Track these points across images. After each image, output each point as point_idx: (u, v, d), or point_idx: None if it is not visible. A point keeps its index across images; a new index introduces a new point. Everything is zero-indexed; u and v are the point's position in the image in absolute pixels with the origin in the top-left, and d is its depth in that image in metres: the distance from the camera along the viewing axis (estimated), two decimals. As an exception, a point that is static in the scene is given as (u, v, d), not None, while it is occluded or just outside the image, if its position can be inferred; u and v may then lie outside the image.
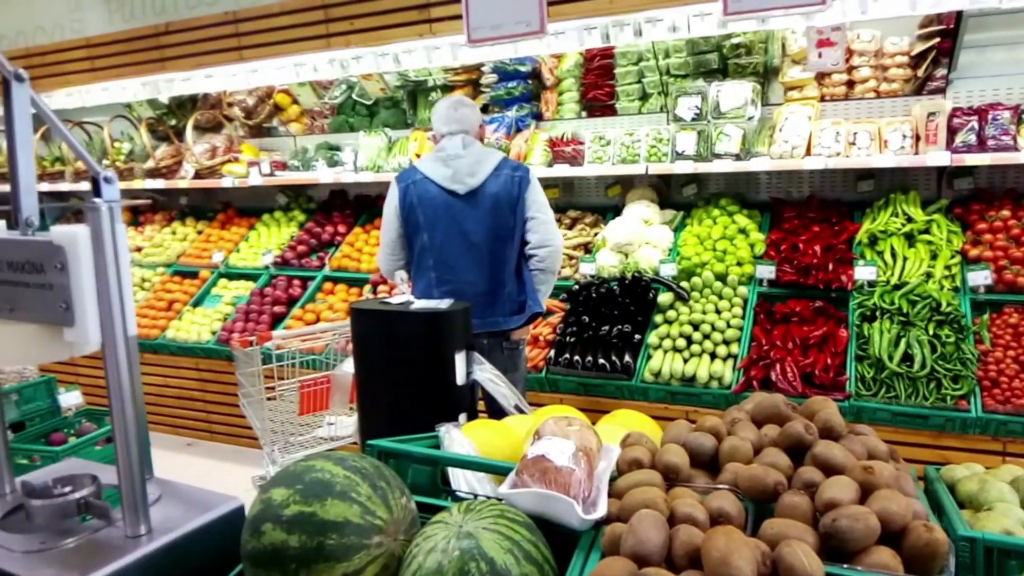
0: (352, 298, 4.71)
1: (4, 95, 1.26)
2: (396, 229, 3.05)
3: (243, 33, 4.32)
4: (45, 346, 1.22)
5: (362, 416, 2.33)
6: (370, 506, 1.11)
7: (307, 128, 5.54)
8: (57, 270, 1.15)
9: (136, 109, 5.42)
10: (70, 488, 1.31)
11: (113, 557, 1.16)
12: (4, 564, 1.17)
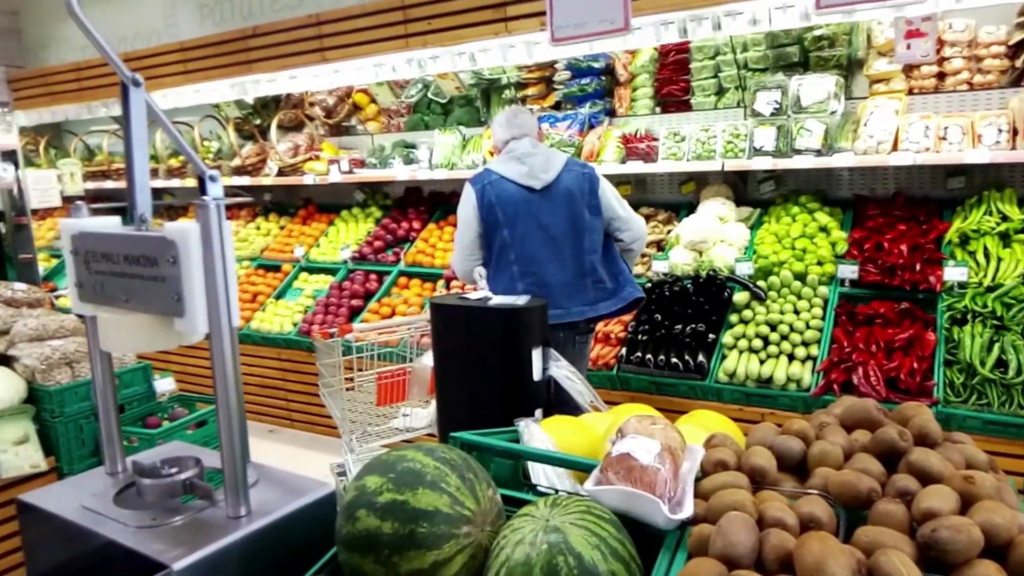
0: (426, 293, 4.80)
1: (123, 98, 1.35)
2: (474, 230, 3.09)
3: (325, 35, 4.45)
4: (157, 335, 1.30)
5: (440, 409, 2.37)
6: (459, 496, 1.14)
7: (384, 126, 5.67)
8: (170, 263, 1.23)
9: (224, 109, 5.66)
10: (176, 469, 1.40)
11: (217, 536, 1.23)
12: (120, 537, 1.25)
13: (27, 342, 3.24)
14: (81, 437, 3.23)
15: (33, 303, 3.45)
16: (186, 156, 1.42)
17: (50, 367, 3.18)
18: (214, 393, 1.29)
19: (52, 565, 1.42)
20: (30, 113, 6.02)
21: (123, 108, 1.35)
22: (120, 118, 5.98)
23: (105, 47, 1.31)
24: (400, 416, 3.78)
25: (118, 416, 1.51)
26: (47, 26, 6.17)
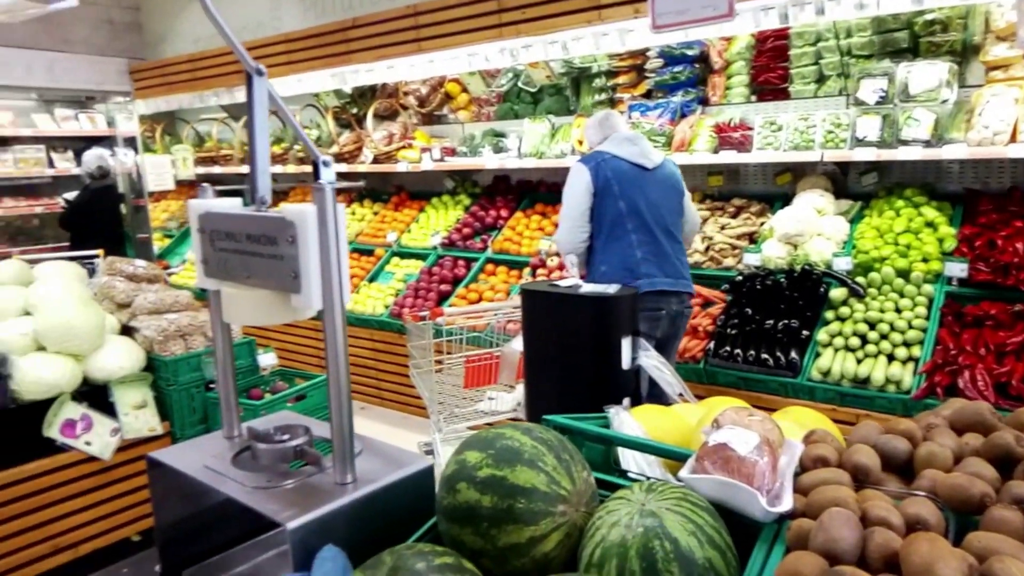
0: (512, 280, 4.86)
1: (247, 87, 1.44)
2: (585, 203, 3.22)
3: (422, 25, 4.55)
4: (275, 309, 1.39)
5: (529, 394, 2.42)
6: (555, 476, 1.17)
7: (474, 115, 5.75)
8: (288, 243, 1.31)
9: (323, 99, 5.89)
10: (288, 436, 1.49)
11: (326, 500, 1.31)
12: (238, 495, 1.35)
13: (147, 315, 3.50)
14: (192, 405, 3.46)
15: (152, 279, 3.72)
16: (303, 143, 1.51)
17: (166, 339, 3.43)
18: (325, 366, 1.37)
19: (176, 515, 1.55)
20: (148, 102, 6.44)
21: (247, 96, 1.45)
22: (229, 107, 6.35)
23: (232, 39, 1.40)
24: (486, 399, 3.86)
25: (235, 384, 1.62)
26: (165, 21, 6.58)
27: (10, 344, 3.09)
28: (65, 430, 3.08)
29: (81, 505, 3.12)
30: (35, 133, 6.02)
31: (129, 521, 3.30)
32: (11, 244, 6.08)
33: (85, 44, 6.20)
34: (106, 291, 3.52)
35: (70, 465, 3.07)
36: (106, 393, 3.24)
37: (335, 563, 1.20)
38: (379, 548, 1.24)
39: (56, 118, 6.13)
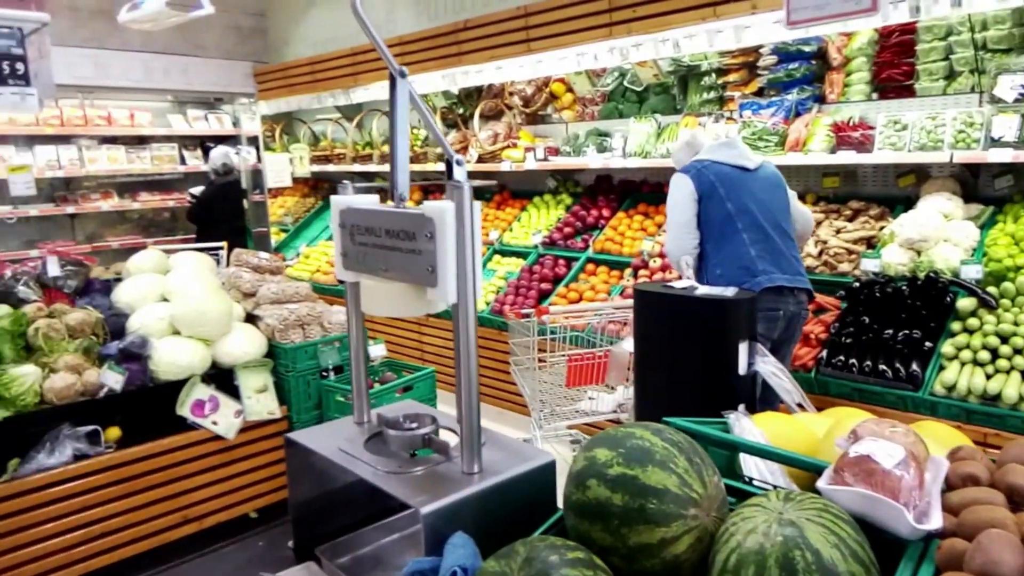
0: (613, 280, 4.83)
1: (390, 88, 1.50)
2: (691, 209, 3.21)
3: (532, 26, 4.60)
4: (411, 302, 1.45)
5: (639, 395, 2.40)
6: (687, 478, 1.17)
7: (578, 115, 5.75)
8: (427, 238, 1.36)
9: (432, 99, 6.05)
10: (416, 425, 1.55)
11: (455, 488, 1.36)
12: (370, 477, 1.42)
13: (269, 304, 3.71)
14: (308, 391, 3.65)
15: (274, 270, 3.94)
16: (438, 141, 1.56)
17: (287, 327, 3.62)
18: (456, 359, 1.41)
19: (310, 493, 1.64)
20: (270, 103, 6.82)
21: (390, 96, 1.51)
22: (343, 107, 6.63)
23: (378, 40, 1.47)
24: (586, 399, 3.86)
25: (367, 372, 1.70)
26: (288, 26, 6.95)
27: (149, 328, 3.36)
28: (195, 409, 3.31)
29: (207, 480, 3.34)
30: (169, 132, 6.50)
31: (248, 498, 3.51)
32: (144, 235, 6.59)
33: (215, 49, 6.65)
34: (233, 281, 3.76)
35: (198, 443, 3.30)
36: (231, 377, 3.46)
37: (465, 549, 1.24)
38: (501, 538, 1.27)
39: (188, 118, 6.60)
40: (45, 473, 2.88)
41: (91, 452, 3.01)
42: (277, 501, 3.61)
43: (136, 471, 3.11)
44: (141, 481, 3.13)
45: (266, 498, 3.57)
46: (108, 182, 6.37)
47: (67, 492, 2.93)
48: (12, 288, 3.30)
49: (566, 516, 1.26)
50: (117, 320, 3.39)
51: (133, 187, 6.52)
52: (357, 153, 6.31)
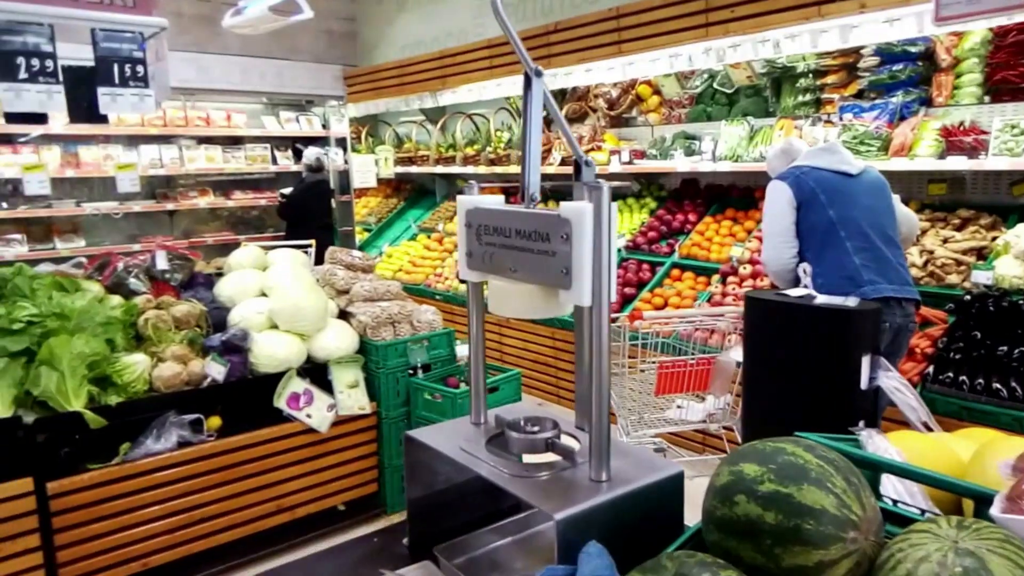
0: (700, 287, 4.71)
1: (524, 87, 1.49)
2: (789, 218, 3.11)
3: (624, 28, 4.54)
4: (541, 303, 1.43)
5: (747, 407, 2.32)
6: (845, 499, 1.10)
7: (664, 118, 5.65)
8: (562, 240, 1.34)
9: (515, 102, 6.06)
10: (538, 428, 1.53)
11: (585, 496, 1.33)
12: (497, 480, 1.41)
13: (362, 301, 3.77)
14: (397, 388, 3.68)
15: (366, 268, 4.00)
16: (567, 142, 1.54)
17: (378, 325, 3.67)
18: (587, 362, 1.38)
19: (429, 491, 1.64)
20: (359, 105, 6.98)
21: (523, 95, 1.50)
22: (427, 110, 6.73)
23: (515, 38, 1.46)
24: (674, 407, 3.78)
25: (485, 373, 1.69)
26: (377, 30, 7.10)
27: (249, 321, 3.46)
28: (291, 402, 3.39)
29: (300, 472, 3.41)
30: (262, 133, 6.74)
31: (337, 491, 3.57)
32: (236, 232, 6.83)
33: (308, 53, 6.85)
34: (328, 278, 3.84)
35: (293, 435, 3.38)
36: (325, 371, 3.53)
37: (601, 560, 1.20)
38: (628, 549, 1.23)
39: (280, 120, 6.83)
40: (152, 458, 3.00)
41: (194, 440, 3.11)
42: (365, 495, 3.66)
43: (235, 460, 3.20)
44: (239, 470, 3.22)
45: (354, 492, 3.62)
46: (205, 180, 6.65)
47: (171, 477, 3.04)
48: (124, 280, 3.45)
49: (707, 531, 1.21)
50: (219, 313, 3.50)
51: (227, 185, 6.78)
52: (440, 155, 6.38)
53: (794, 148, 3.38)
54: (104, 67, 3.10)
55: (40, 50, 2.92)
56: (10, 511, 2.69)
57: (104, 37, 3.08)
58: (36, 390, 2.82)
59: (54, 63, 2.95)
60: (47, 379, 2.83)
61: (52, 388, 2.83)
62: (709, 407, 3.72)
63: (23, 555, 2.73)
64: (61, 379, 2.85)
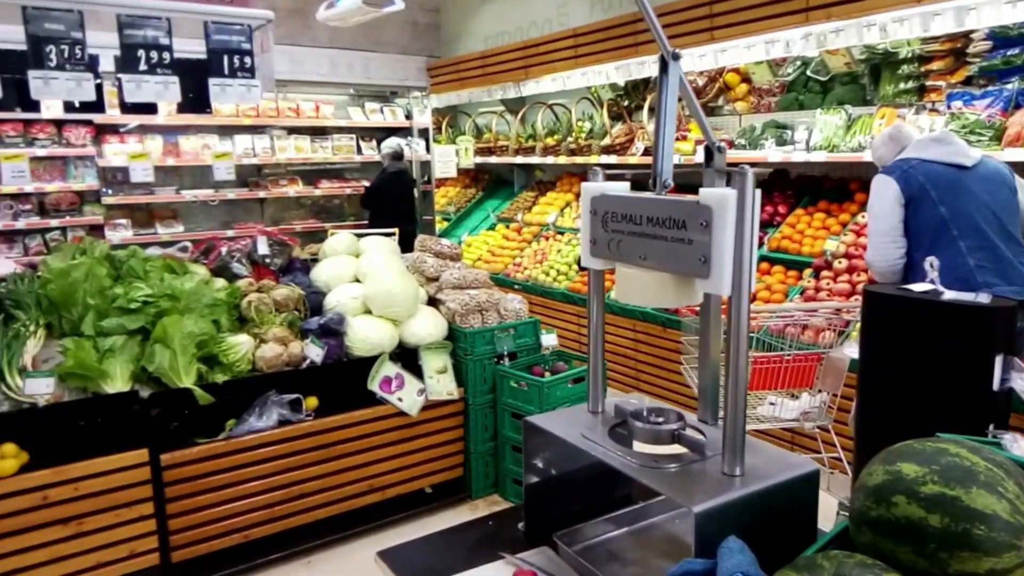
0: (790, 281, 4.57)
1: (660, 72, 1.46)
2: (896, 215, 2.97)
3: (717, 14, 4.43)
4: (674, 292, 1.40)
5: (862, 406, 2.23)
6: (1019, 505, 1.04)
7: (753, 106, 5.48)
8: (701, 227, 1.31)
9: (598, 91, 5.99)
10: (663, 419, 1.51)
11: (719, 490, 1.30)
12: (625, 469, 1.39)
13: (451, 289, 3.81)
14: (484, 375, 3.71)
15: (454, 257, 4.04)
16: (702, 130, 1.51)
17: (467, 312, 3.70)
18: (726, 352, 1.35)
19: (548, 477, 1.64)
20: (441, 96, 7.06)
21: (659, 80, 1.47)
22: (507, 101, 6.74)
23: (652, 18, 1.43)
24: (766, 404, 3.68)
25: (604, 361, 1.67)
26: (461, 21, 7.15)
27: (344, 306, 3.54)
28: (383, 385, 3.46)
29: (390, 453, 3.49)
30: (348, 124, 6.90)
31: (425, 474, 3.63)
32: (321, 220, 7.03)
33: (393, 45, 6.97)
34: (418, 265, 3.90)
35: (384, 417, 3.45)
36: (415, 357, 3.59)
37: (743, 555, 1.17)
38: (761, 547, 1.20)
39: (365, 111, 6.97)
40: (255, 435, 3.11)
41: (293, 419, 3.22)
42: (451, 479, 3.72)
43: (330, 439, 3.29)
44: (334, 449, 3.31)
45: (441, 475, 3.68)
46: (294, 169, 6.86)
47: (272, 454, 3.16)
48: (227, 264, 3.59)
49: (857, 532, 1.17)
50: (315, 297, 3.60)
51: (314, 175, 6.98)
52: (520, 145, 6.38)
53: (903, 135, 3.21)
54: (215, 59, 3.22)
55: (158, 43, 3.05)
56: (128, 479, 2.85)
57: (215, 30, 3.20)
58: (151, 366, 2.97)
59: (170, 55, 3.08)
60: (161, 356, 2.97)
61: (165, 365, 2.97)
62: (804, 405, 3.60)
63: (139, 521, 2.88)
64: (173, 357, 2.98)
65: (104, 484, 2.80)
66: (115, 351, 2.94)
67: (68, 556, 2.75)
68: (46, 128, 5.54)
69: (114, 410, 2.86)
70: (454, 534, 1.73)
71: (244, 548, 3.13)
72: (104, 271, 3.20)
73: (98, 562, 2.81)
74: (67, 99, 2.97)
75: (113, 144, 5.77)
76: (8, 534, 2.64)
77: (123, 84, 3.04)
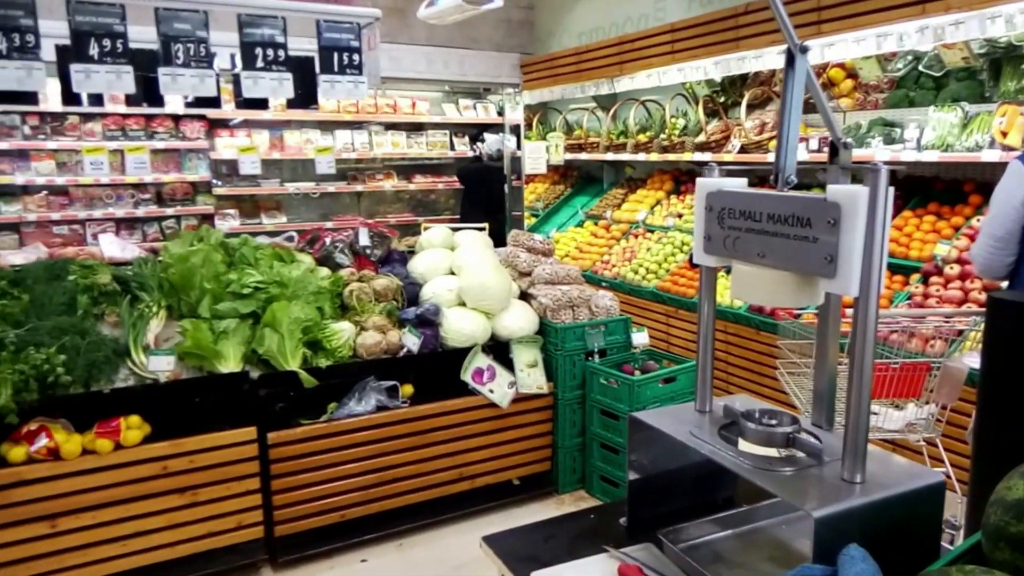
0: (896, 286, 4.36)
1: (786, 65, 1.43)
2: (1017, 220, 2.71)
3: (824, 7, 4.26)
4: (794, 291, 1.38)
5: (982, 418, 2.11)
6: None
7: (858, 103, 5.24)
8: (828, 225, 1.27)
9: (692, 87, 5.88)
10: (776, 421, 1.48)
11: (839, 496, 1.27)
12: (738, 470, 1.37)
13: (543, 284, 3.83)
14: (573, 371, 3.72)
15: (547, 252, 4.06)
16: (826, 123, 1.47)
17: (558, 307, 3.72)
18: (848, 357, 1.31)
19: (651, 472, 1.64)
20: (533, 93, 7.10)
21: (784, 73, 1.44)
22: (599, 97, 6.71)
23: (781, 10, 1.40)
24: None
25: (712, 360, 1.66)
26: (555, 17, 7.17)
27: (440, 297, 3.63)
28: (475, 376, 3.52)
29: (481, 444, 3.55)
30: (442, 120, 7.05)
31: (513, 466, 3.68)
32: (414, 214, 7.21)
33: (487, 42, 7.06)
34: (511, 260, 3.94)
35: (476, 407, 3.52)
36: (506, 350, 3.64)
37: (867, 564, 1.14)
38: (881, 558, 1.15)
39: (459, 107, 7.10)
40: (354, 418, 3.24)
41: (390, 405, 3.33)
42: (539, 472, 3.75)
43: (424, 426, 3.39)
44: (428, 436, 3.40)
45: (528, 468, 3.72)
46: (390, 164, 7.07)
47: (369, 438, 3.27)
48: (331, 253, 3.74)
49: (992, 548, 1.11)
50: (412, 288, 3.70)
51: (409, 169, 7.18)
52: (611, 142, 6.33)
53: None
54: (326, 55, 3.36)
55: (275, 41, 3.21)
56: (237, 455, 3.02)
57: (327, 27, 3.34)
58: (261, 349, 3.13)
59: (285, 53, 3.23)
60: (270, 340, 3.13)
61: (274, 348, 3.12)
62: (909, 416, 3.43)
63: (246, 495, 3.05)
64: (281, 341, 3.14)
65: (216, 458, 2.98)
66: (228, 333, 3.12)
67: (183, 523, 2.95)
68: (165, 122, 5.91)
69: (227, 389, 3.03)
70: (555, 525, 1.75)
71: (341, 527, 3.26)
72: (219, 258, 3.39)
73: (208, 531, 3.00)
74: (191, 94, 3.16)
75: (224, 138, 6.11)
76: (132, 499, 2.85)
77: (241, 80, 3.22)
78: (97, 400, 2.84)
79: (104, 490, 2.80)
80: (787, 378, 3.74)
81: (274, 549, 3.15)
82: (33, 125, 5.64)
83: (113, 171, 5.75)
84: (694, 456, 1.48)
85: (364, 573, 3.13)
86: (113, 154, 5.72)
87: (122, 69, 2.99)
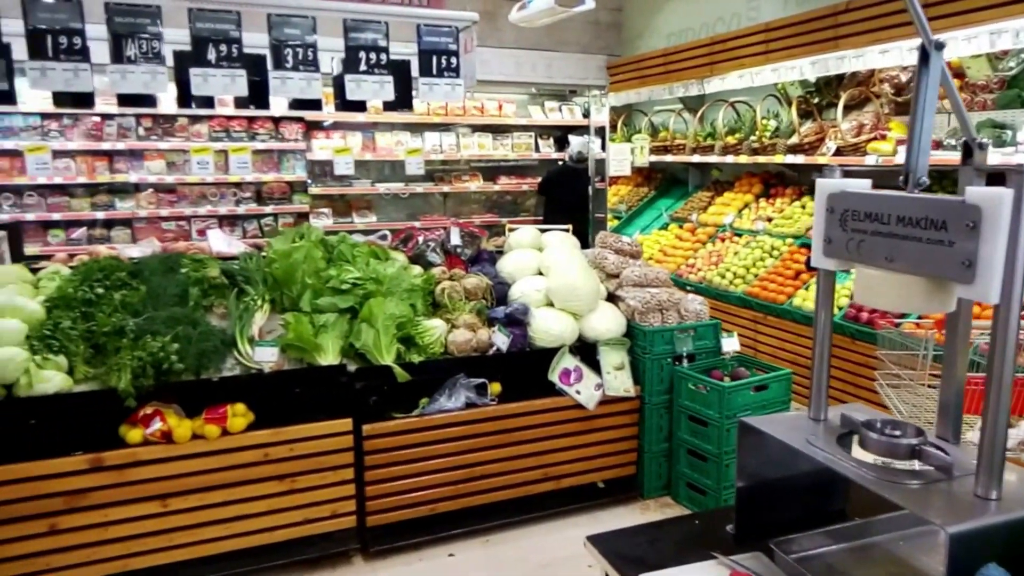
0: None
1: (920, 62, 1.38)
2: None
3: (931, 3, 4.07)
4: (923, 296, 1.32)
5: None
6: None
7: (966, 104, 4.97)
8: (965, 228, 1.22)
9: (785, 88, 5.71)
10: (900, 432, 1.42)
11: (974, 513, 1.21)
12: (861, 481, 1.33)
13: (631, 286, 3.81)
14: (661, 375, 3.68)
15: (635, 254, 4.04)
16: (960, 123, 1.41)
17: (647, 310, 3.69)
18: (988, 365, 1.26)
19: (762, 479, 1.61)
20: (618, 95, 7.07)
21: (917, 71, 1.39)
22: (685, 99, 6.61)
23: (916, 5, 1.35)
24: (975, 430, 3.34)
25: (829, 367, 1.61)
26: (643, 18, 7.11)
27: (528, 297, 3.66)
28: (562, 377, 3.53)
29: (567, 444, 3.56)
30: (528, 122, 7.11)
31: (598, 468, 3.67)
32: (498, 215, 7.30)
33: (575, 44, 7.08)
34: (599, 262, 3.94)
35: (562, 408, 3.53)
36: (594, 351, 3.63)
37: (1008, 584, 1.09)
38: None
39: (545, 109, 7.15)
40: (444, 414, 3.30)
41: (479, 402, 3.37)
42: (624, 476, 3.73)
43: (512, 425, 3.42)
44: (515, 435, 3.43)
45: (614, 471, 3.70)
46: (476, 166, 7.19)
47: (459, 433, 3.33)
48: (423, 252, 3.83)
49: None
50: (500, 288, 3.75)
51: (494, 171, 7.28)
52: (698, 144, 6.23)
53: None
54: (424, 59, 3.45)
55: (377, 45, 3.32)
56: (334, 445, 3.13)
57: (426, 31, 3.43)
58: (358, 343, 3.23)
59: (387, 56, 3.33)
60: (366, 335, 3.23)
61: (370, 343, 3.22)
62: (1021, 433, 3.24)
63: (341, 485, 3.16)
64: (377, 336, 3.23)
65: (314, 447, 3.09)
66: (328, 327, 3.23)
67: (282, 509, 3.07)
68: (265, 124, 6.19)
69: (325, 381, 3.15)
70: (660, 528, 1.74)
71: (430, 520, 3.33)
72: (319, 254, 3.53)
73: (305, 518, 3.12)
74: (298, 97, 3.30)
75: (320, 139, 6.34)
76: (236, 484, 2.99)
77: (345, 82, 3.34)
78: (206, 387, 3.00)
79: (211, 473, 2.95)
80: (887, 390, 3.58)
81: (365, 539, 3.25)
82: (147, 127, 6.02)
83: (217, 170, 6.07)
84: (809, 465, 1.45)
85: (451, 567, 3.19)
86: (218, 154, 6.04)
87: (236, 73, 3.15)
